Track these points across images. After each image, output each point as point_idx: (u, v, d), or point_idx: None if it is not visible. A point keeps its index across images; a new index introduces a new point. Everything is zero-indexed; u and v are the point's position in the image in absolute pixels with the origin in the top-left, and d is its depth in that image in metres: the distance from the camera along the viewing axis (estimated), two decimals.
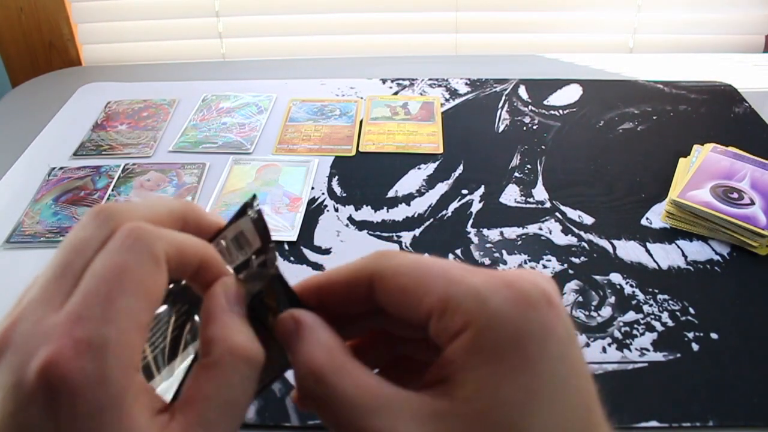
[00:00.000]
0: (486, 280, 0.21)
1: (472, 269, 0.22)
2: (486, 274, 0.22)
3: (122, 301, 0.20)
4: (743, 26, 0.97)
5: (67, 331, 0.19)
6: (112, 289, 0.20)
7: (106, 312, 0.20)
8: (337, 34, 0.99)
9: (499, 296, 0.21)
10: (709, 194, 0.57)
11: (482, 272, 0.22)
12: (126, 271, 0.21)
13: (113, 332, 0.19)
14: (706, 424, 0.42)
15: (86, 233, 0.23)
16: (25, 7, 0.92)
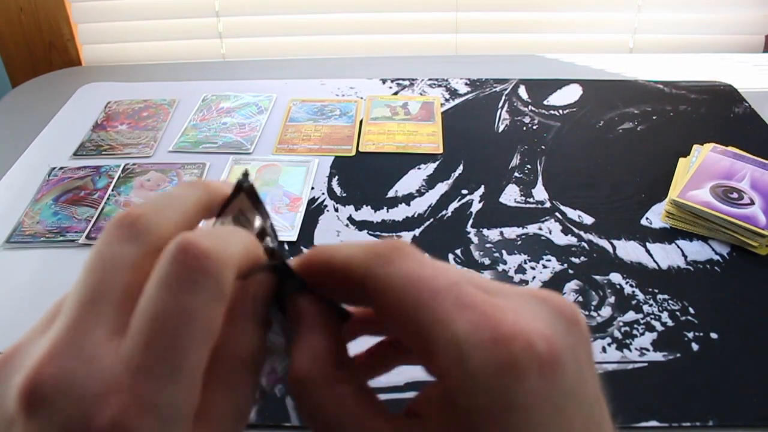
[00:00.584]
0: (472, 330, 0.18)
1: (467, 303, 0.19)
2: (477, 317, 0.18)
3: (191, 355, 0.18)
4: (743, 26, 0.97)
5: (133, 387, 0.17)
6: (179, 338, 0.18)
7: (174, 369, 0.18)
8: (337, 34, 0.99)
9: (481, 356, 0.18)
10: (709, 194, 0.57)
11: (475, 311, 0.19)
12: (193, 317, 0.18)
13: (181, 393, 0.18)
14: (706, 424, 0.42)
15: (114, 249, 0.20)
16: (25, 7, 0.92)
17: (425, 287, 0.19)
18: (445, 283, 0.19)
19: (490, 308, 0.19)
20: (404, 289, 0.20)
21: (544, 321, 0.19)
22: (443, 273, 0.20)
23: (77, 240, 0.58)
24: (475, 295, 0.19)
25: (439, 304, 0.19)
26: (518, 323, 0.18)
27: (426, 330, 0.19)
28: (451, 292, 0.19)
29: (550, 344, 0.18)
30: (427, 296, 0.19)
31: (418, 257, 0.21)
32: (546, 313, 0.20)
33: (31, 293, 0.52)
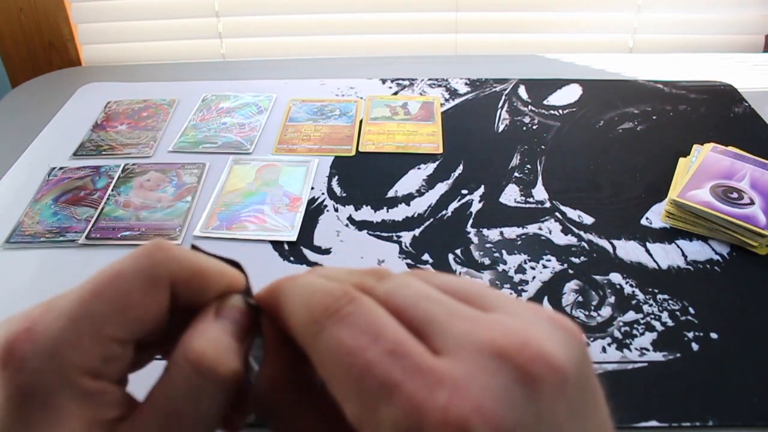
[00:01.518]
0: (397, 419, 0.16)
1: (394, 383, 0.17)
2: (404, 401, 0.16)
3: (95, 305, 0.20)
4: (743, 26, 0.97)
5: (33, 318, 0.20)
6: (94, 291, 0.21)
7: (74, 311, 0.20)
8: (337, 34, 0.99)
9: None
10: (709, 194, 0.57)
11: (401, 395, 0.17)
12: (116, 279, 0.21)
13: (67, 330, 0.20)
14: (706, 424, 0.42)
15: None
16: (25, 7, 0.92)
17: (354, 363, 0.18)
18: (377, 354, 0.18)
19: (423, 384, 0.17)
20: (335, 365, 0.18)
21: (494, 390, 0.17)
22: (380, 338, 0.18)
23: (77, 240, 0.58)
24: (408, 365, 0.17)
25: (367, 385, 0.17)
26: (452, 404, 0.16)
27: (356, 412, 0.18)
28: (380, 366, 0.17)
29: (492, 424, 0.16)
30: (356, 375, 0.18)
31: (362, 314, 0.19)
32: (501, 376, 0.17)
33: (31, 293, 0.52)
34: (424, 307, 0.19)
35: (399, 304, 0.20)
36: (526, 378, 0.17)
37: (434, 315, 0.19)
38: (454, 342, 0.18)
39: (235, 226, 0.59)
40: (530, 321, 0.19)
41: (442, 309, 0.19)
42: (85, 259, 0.56)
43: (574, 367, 0.18)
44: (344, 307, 0.19)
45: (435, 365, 0.17)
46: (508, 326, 0.18)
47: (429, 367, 0.17)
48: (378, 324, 0.19)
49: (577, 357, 0.18)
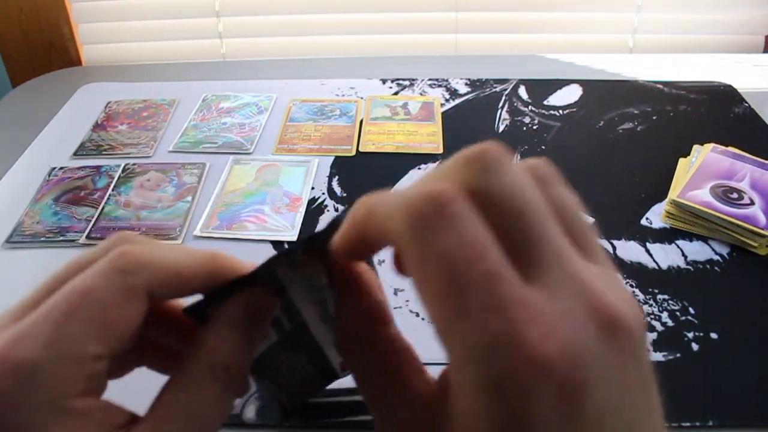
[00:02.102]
0: (488, 344, 0.17)
1: (494, 305, 0.17)
2: (499, 326, 0.17)
3: (72, 327, 0.20)
4: (743, 26, 0.97)
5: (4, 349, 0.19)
6: (68, 312, 0.20)
7: (49, 336, 0.19)
8: (337, 34, 0.99)
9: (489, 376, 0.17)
10: (709, 194, 0.57)
11: (498, 320, 0.17)
12: (89, 296, 0.20)
13: (46, 358, 0.19)
14: (706, 424, 0.42)
15: (88, 254, 0.23)
16: (25, 7, 0.92)
17: (456, 278, 0.17)
18: (480, 274, 0.17)
19: (519, 316, 0.17)
20: (435, 272, 0.18)
21: (582, 338, 0.17)
22: (485, 256, 0.18)
23: (77, 240, 0.58)
24: (508, 293, 0.17)
25: (465, 303, 0.17)
26: (543, 341, 0.16)
27: (446, 323, 0.18)
28: (482, 288, 0.17)
29: (574, 370, 0.16)
30: (455, 290, 0.17)
31: (469, 224, 0.18)
32: (589, 328, 0.17)
33: None
34: (539, 226, 0.19)
35: (514, 211, 0.19)
36: (609, 335, 0.17)
37: (546, 243, 0.19)
38: (555, 280, 0.18)
39: (236, 226, 0.59)
40: (617, 286, 0.19)
41: (553, 239, 0.19)
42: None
43: (640, 339, 0.18)
44: (450, 205, 0.18)
45: (532, 298, 0.17)
46: (603, 282, 0.18)
47: (526, 299, 0.17)
48: (484, 240, 0.18)
49: (642, 333, 0.19)
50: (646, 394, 0.18)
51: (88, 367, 0.20)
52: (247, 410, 0.43)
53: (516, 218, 0.19)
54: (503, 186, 0.19)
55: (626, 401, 0.17)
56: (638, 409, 0.18)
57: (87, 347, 0.20)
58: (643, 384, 0.18)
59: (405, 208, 0.18)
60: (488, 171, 0.19)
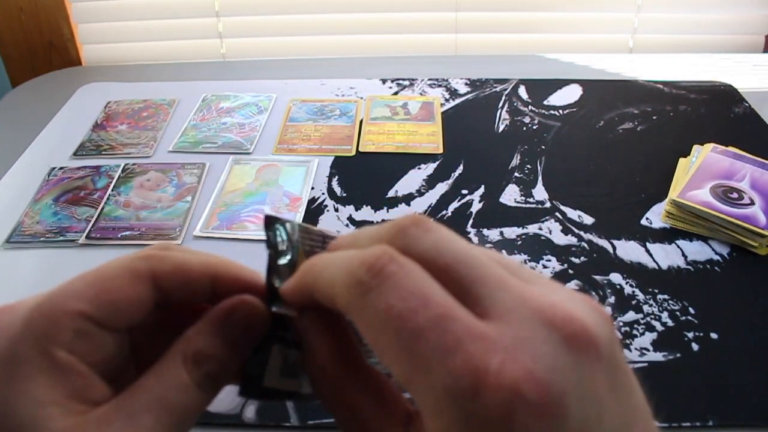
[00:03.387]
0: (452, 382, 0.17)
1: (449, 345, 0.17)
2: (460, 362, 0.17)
3: (74, 284, 0.22)
4: (743, 26, 0.97)
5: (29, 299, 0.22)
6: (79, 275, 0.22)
7: (57, 287, 0.22)
8: (337, 34, 0.99)
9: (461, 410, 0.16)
10: (709, 194, 0.57)
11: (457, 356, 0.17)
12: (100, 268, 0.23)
13: (43, 304, 0.21)
14: (706, 424, 0.42)
15: None
16: (25, 7, 0.92)
17: (405, 327, 0.18)
18: (428, 319, 0.17)
19: (476, 350, 0.17)
20: (383, 328, 0.18)
21: (544, 356, 0.17)
22: (430, 302, 0.18)
23: (77, 240, 0.58)
24: (460, 330, 0.17)
25: (419, 349, 0.17)
26: (505, 368, 0.16)
27: (407, 374, 0.18)
28: (433, 331, 0.17)
29: (544, 388, 0.16)
30: (406, 339, 0.17)
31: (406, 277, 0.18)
32: (549, 344, 0.17)
33: (31, 293, 0.52)
34: (474, 266, 0.19)
35: (447, 261, 0.19)
36: (571, 348, 0.17)
37: (484, 277, 0.19)
38: (504, 308, 0.18)
39: (235, 226, 0.59)
40: (568, 297, 0.19)
41: (492, 272, 0.19)
42: (85, 259, 0.56)
43: (607, 344, 0.18)
44: (387, 266, 0.19)
45: (485, 330, 0.18)
46: (553, 299, 0.19)
47: (480, 332, 0.17)
48: (425, 286, 0.18)
49: (609, 335, 0.19)
50: (627, 396, 0.19)
51: (76, 322, 0.21)
52: (246, 410, 0.43)
53: (452, 267, 0.19)
54: (433, 242, 0.20)
55: (606, 407, 0.17)
56: (622, 414, 0.18)
57: (78, 303, 0.21)
58: (620, 387, 0.18)
59: (345, 277, 0.19)
60: (415, 234, 0.20)
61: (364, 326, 0.19)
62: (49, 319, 0.21)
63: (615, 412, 0.18)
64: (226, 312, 0.23)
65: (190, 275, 0.24)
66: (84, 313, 0.21)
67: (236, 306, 0.23)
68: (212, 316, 0.23)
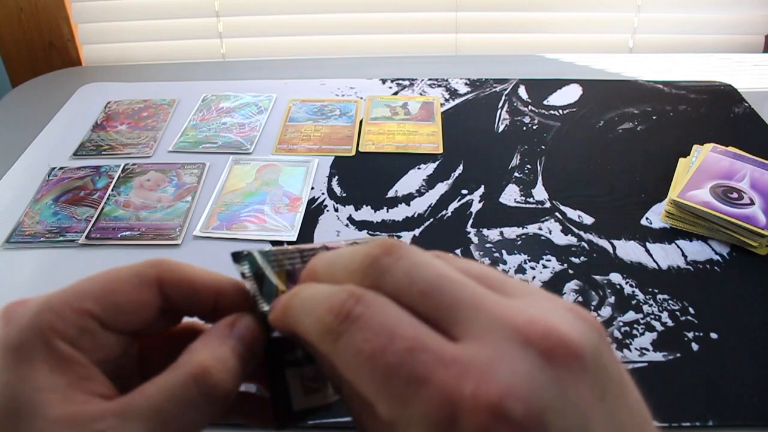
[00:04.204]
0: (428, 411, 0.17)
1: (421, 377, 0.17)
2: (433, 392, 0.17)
3: (83, 284, 0.23)
4: (743, 26, 0.97)
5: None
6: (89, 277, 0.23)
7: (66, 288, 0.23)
8: (337, 34, 0.99)
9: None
10: (709, 194, 0.57)
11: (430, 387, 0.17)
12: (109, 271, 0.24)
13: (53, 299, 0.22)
14: (706, 424, 0.42)
15: None
16: (25, 7, 0.92)
17: (376, 367, 0.18)
18: (396, 354, 0.18)
19: (448, 376, 0.17)
20: (358, 371, 0.18)
21: (521, 374, 0.17)
22: (396, 337, 0.18)
23: (77, 240, 0.58)
24: (431, 360, 0.17)
25: (393, 386, 0.17)
26: (480, 390, 0.16)
27: (387, 412, 0.18)
28: (403, 365, 0.17)
29: (523, 405, 0.16)
30: (380, 378, 0.18)
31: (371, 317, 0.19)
32: (526, 361, 0.17)
33: (31, 293, 0.52)
34: (448, 290, 0.19)
35: (420, 289, 0.19)
36: (550, 362, 0.17)
37: (458, 300, 0.19)
38: (478, 328, 0.18)
39: (235, 226, 0.59)
40: (550, 309, 0.19)
41: (466, 293, 0.19)
42: (85, 259, 0.56)
43: (591, 353, 0.18)
44: (353, 310, 0.19)
45: (457, 354, 0.18)
46: (530, 313, 0.18)
47: (452, 357, 0.17)
48: (391, 322, 0.19)
49: (594, 344, 0.18)
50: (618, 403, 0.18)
51: (82, 320, 0.22)
52: None
53: (426, 293, 0.19)
54: (405, 271, 0.20)
55: (593, 418, 0.17)
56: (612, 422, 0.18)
57: (85, 301, 0.22)
58: (609, 396, 0.18)
59: (316, 325, 0.20)
60: (387, 264, 0.20)
61: (343, 371, 0.19)
62: (56, 314, 0.22)
63: (603, 422, 0.18)
64: (230, 326, 0.24)
65: (196, 286, 0.24)
66: (89, 311, 0.22)
67: (238, 320, 0.24)
68: (217, 330, 0.23)
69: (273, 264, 0.25)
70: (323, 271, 0.23)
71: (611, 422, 0.18)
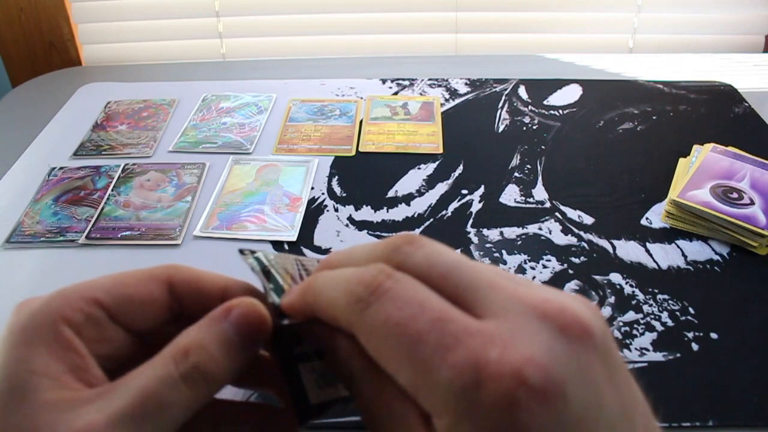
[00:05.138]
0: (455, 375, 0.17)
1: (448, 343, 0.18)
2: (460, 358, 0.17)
3: (96, 279, 0.24)
4: (743, 26, 0.97)
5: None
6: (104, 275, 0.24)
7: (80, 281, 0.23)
8: (337, 34, 0.99)
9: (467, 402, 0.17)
10: (709, 194, 0.57)
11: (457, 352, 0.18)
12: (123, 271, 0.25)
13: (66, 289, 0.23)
14: (706, 424, 0.42)
15: None
16: (25, 7, 0.92)
17: (404, 333, 0.19)
18: (426, 323, 0.19)
19: (475, 344, 0.18)
20: (385, 338, 0.19)
21: (541, 345, 0.18)
22: (426, 307, 0.19)
23: (77, 240, 0.58)
24: (458, 329, 0.18)
25: (420, 352, 0.18)
26: (505, 357, 0.17)
27: (411, 379, 0.19)
28: (432, 333, 0.18)
29: (544, 373, 0.17)
30: (407, 344, 0.19)
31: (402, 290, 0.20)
32: (545, 334, 0.18)
33: (31, 293, 0.52)
34: (466, 272, 0.20)
35: (440, 272, 0.21)
36: (567, 336, 0.18)
37: (477, 281, 0.20)
38: (498, 306, 0.19)
39: (235, 226, 0.59)
40: (560, 294, 0.20)
41: (483, 275, 0.20)
42: (85, 259, 0.56)
43: (601, 334, 0.19)
44: (384, 283, 0.20)
45: (482, 327, 0.19)
46: (544, 295, 0.20)
47: (477, 328, 0.18)
48: (420, 295, 0.20)
49: (603, 327, 0.19)
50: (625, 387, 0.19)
51: (90, 308, 0.23)
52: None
53: (445, 276, 0.20)
54: (425, 256, 0.21)
55: (606, 395, 0.18)
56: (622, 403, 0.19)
57: (95, 291, 0.23)
58: (618, 377, 0.19)
59: (344, 296, 0.21)
60: (408, 251, 0.21)
61: (367, 340, 0.20)
62: (65, 300, 0.22)
63: (615, 400, 0.18)
64: (223, 311, 0.23)
65: (204, 286, 0.25)
66: (98, 300, 0.23)
67: (234, 305, 0.24)
68: (209, 316, 0.23)
69: (278, 267, 0.26)
70: (341, 261, 0.23)
71: (621, 402, 0.19)
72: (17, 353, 0.21)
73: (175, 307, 0.25)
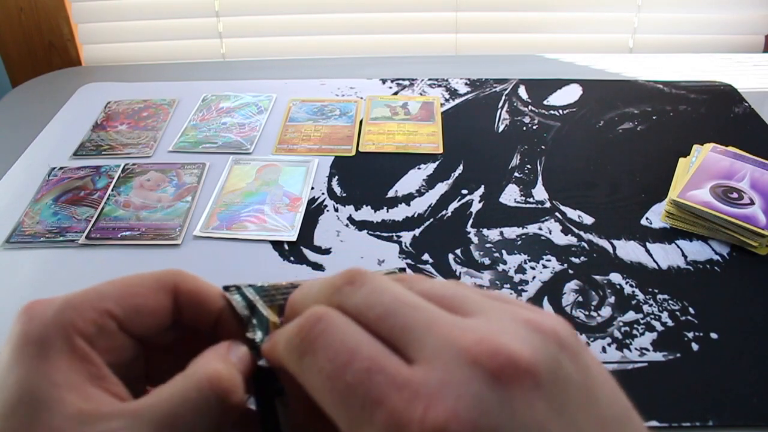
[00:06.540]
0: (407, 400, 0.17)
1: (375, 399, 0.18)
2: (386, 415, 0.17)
3: (104, 286, 0.23)
4: (743, 26, 0.97)
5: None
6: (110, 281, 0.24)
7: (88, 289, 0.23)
8: (337, 34, 0.99)
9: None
10: (709, 194, 0.57)
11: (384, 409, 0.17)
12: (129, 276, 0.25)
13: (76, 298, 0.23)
14: (706, 424, 0.42)
15: None
16: (25, 7, 0.92)
17: (335, 388, 0.18)
18: (355, 374, 0.18)
19: (400, 401, 0.17)
20: (320, 390, 0.19)
21: (468, 396, 0.17)
22: (355, 357, 0.19)
23: (77, 240, 0.58)
24: (385, 382, 0.18)
25: (351, 406, 0.18)
26: (428, 415, 0.17)
27: (347, 429, 0.18)
28: (360, 386, 0.18)
29: (471, 428, 0.16)
30: (339, 397, 0.18)
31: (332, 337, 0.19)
32: (474, 383, 0.17)
33: (31, 293, 0.52)
34: (402, 314, 0.20)
35: (377, 313, 0.20)
36: (498, 383, 0.17)
37: (413, 323, 0.20)
38: (430, 350, 0.19)
39: (235, 226, 0.59)
40: (505, 326, 0.19)
41: (421, 316, 0.20)
42: (85, 259, 0.56)
43: (546, 368, 0.18)
44: (314, 328, 0.20)
45: (410, 377, 0.18)
46: (481, 333, 0.19)
47: (404, 380, 0.18)
48: (350, 340, 0.19)
49: (551, 357, 0.18)
50: (583, 413, 0.18)
51: (102, 319, 0.23)
52: None
53: (382, 317, 0.20)
54: (364, 297, 0.21)
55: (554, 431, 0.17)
56: None
57: (106, 302, 0.23)
58: (570, 408, 0.18)
59: (286, 346, 0.21)
60: (348, 291, 0.21)
61: (308, 389, 0.20)
62: (76, 311, 0.22)
63: None
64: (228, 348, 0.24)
65: (205, 298, 0.25)
66: (110, 311, 0.23)
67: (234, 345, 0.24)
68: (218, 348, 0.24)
69: (265, 298, 0.26)
70: (300, 303, 0.24)
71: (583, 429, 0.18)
72: (37, 366, 0.21)
73: (176, 314, 0.25)
